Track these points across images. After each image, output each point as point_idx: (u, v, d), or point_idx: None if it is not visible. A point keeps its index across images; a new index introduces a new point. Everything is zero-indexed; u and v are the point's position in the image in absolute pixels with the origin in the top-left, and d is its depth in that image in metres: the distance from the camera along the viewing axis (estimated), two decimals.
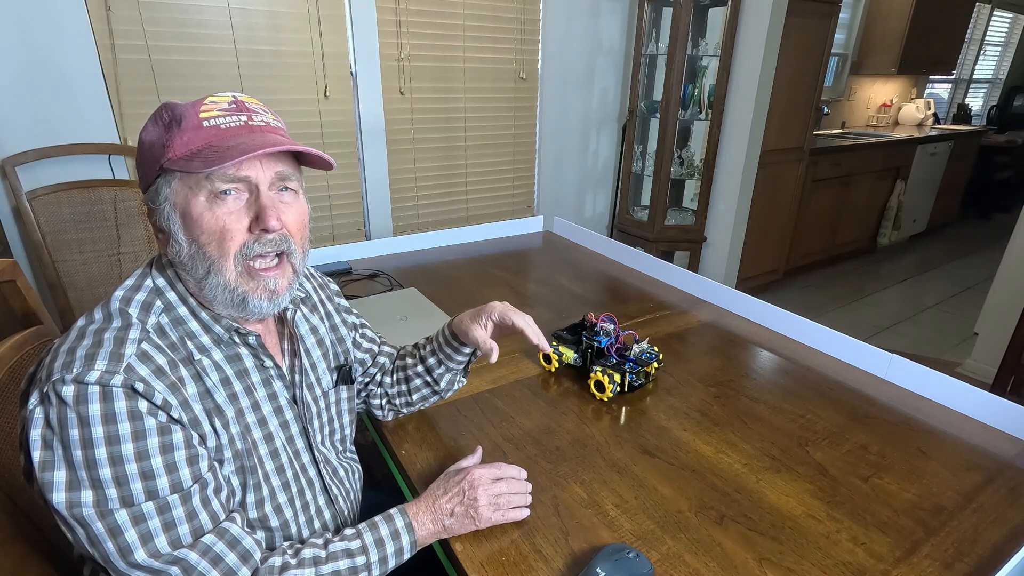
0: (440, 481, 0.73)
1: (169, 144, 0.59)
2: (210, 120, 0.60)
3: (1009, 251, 2.46)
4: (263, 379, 0.69)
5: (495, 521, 0.70)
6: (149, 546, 0.54)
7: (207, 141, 0.59)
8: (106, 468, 0.53)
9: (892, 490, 0.79)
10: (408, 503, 0.70)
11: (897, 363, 1.06)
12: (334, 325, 0.85)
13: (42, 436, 0.53)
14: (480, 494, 0.70)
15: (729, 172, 2.83)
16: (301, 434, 0.74)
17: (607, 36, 2.88)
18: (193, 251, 0.61)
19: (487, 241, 1.89)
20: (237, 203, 0.61)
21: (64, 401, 0.53)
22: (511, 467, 0.75)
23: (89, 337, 0.57)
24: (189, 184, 0.59)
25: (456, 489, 0.70)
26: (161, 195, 0.61)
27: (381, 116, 2.37)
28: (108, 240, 1.84)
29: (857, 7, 4.19)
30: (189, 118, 0.60)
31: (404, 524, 0.68)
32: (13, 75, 1.71)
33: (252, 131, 0.61)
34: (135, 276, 0.65)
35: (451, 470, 0.74)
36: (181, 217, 0.61)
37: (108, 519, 0.53)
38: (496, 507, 0.70)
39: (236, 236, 0.61)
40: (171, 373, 0.59)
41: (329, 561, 0.62)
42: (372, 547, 0.66)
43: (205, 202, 0.60)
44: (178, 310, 0.63)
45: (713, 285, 1.41)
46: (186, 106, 0.61)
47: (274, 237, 0.62)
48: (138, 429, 0.55)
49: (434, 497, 0.70)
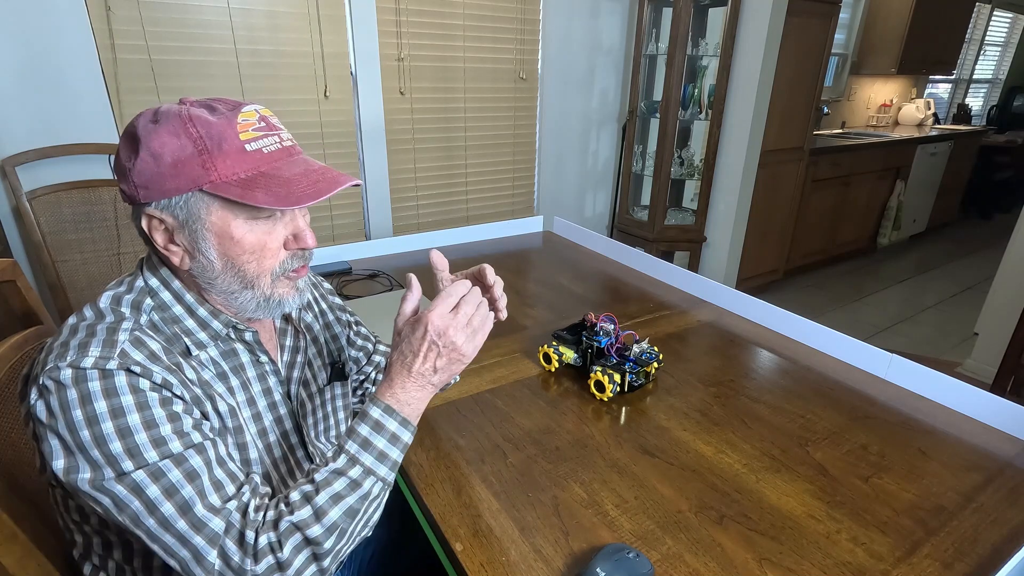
0: (402, 345, 0.64)
1: (211, 166, 0.57)
2: (251, 143, 0.59)
3: (1009, 251, 2.46)
4: (258, 374, 0.70)
5: (479, 346, 0.66)
6: (176, 498, 0.54)
7: (255, 167, 0.59)
8: (116, 442, 0.53)
9: (892, 490, 0.79)
10: (379, 387, 0.64)
11: (897, 363, 1.06)
12: (328, 323, 0.85)
13: (47, 425, 0.53)
14: (453, 336, 0.63)
15: (729, 172, 2.83)
16: (295, 430, 0.75)
17: (607, 36, 2.88)
18: (227, 268, 0.61)
19: (487, 241, 1.89)
20: (273, 223, 0.62)
21: (62, 384, 0.53)
22: (456, 285, 0.67)
23: (81, 331, 0.57)
24: (228, 207, 0.59)
25: (426, 346, 0.63)
26: (191, 214, 0.59)
27: (381, 116, 2.37)
28: (108, 240, 1.84)
29: (857, 7, 4.19)
30: (230, 140, 0.58)
31: (381, 411, 0.61)
32: (13, 75, 1.71)
33: (290, 154, 0.62)
34: (124, 280, 0.64)
35: (404, 327, 0.66)
36: (217, 237, 0.60)
37: (127, 480, 0.53)
38: (473, 333, 0.65)
39: (276, 254, 0.63)
40: (167, 359, 0.59)
41: (322, 489, 0.57)
42: (360, 452, 0.60)
43: (244, 223, 0.60)
44: (173, 309, 0.63)
45: (713, 285, 1.41)
46: (221, 124, 0.58)
47: (308, 253, 0.66)
48: (141, 400, 0.55)
49: (407, 367, 0.63)
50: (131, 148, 0.58)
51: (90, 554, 0.65)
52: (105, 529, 0.63)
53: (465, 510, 0.74)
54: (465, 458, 0.84)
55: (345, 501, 0.57)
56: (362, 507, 0.59)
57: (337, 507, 0.57)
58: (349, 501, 0.58)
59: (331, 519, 0.56)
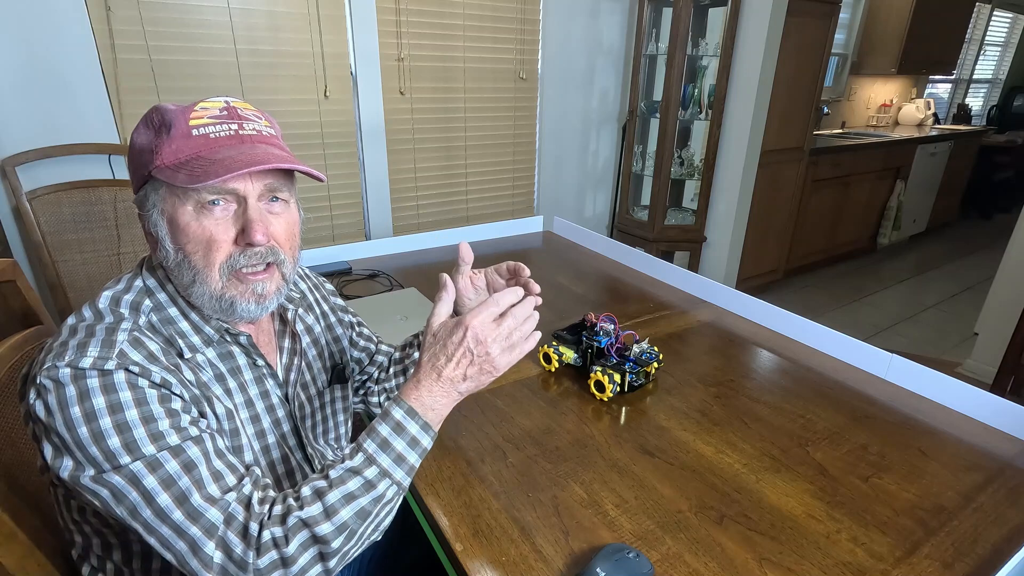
0: (436, 347, 0.61)
1: (158, 151, 0.59)
2: (200, 128, 0.59)
3: (1009, 251, 2.46)
4: (255, 377, 0.70)
5: (514, 362, 0.62)
6: (173, 489, 0.53)
7: (195, 151, 0.58)
8: (114, 437, 0.53)
9: (892, 490, 0.79)
10: (404, 387, 0.61)
11: (897, 363, 1.06)
12: (329, 324, 0.85)
13: (45, 423, 0.53)
14: (491, 347, 0.60)
15: (729, 172, 2.83)
16: (293, 432, 0.74)
17: (607, 36, 2.88)
18: (179, 259, 0.61)
19: (487, 241, 1.89)
20: (225, 213, 0.60)
21: (61, 383, 0.53)
22: (506, 293, 0.62)
23: (81, 331, 0.57)
24: (176, 193, 0.59)
25: (461, 351, 0.60)
26: (149, 201, 0.61)
27: (381, 116, 2.37)
28: (108, 240, 1.84)
29: (857, 7, 4.19)
30: (178, 125, 0.59)
31: (404, 412, 0.59)
32: (13, 75, 1.71)
33: (242, 141, 0.60)
34: (124, 278, 0.64)
35: (440, 328, 0.62)
36: (168, 225, 0.60)
37: (124, 471, 0.53)
38: (511, 347, 0.62)
39: (222, 247, 0.60)
40: (165, 359, 0.59)
41: (335, 487, 0.55)
42: (378, 453, 0.58)
43: (192, 211, 0.59)
44: (168, 310, 0.63)
45: (713, 285, 1.41)
46: (176, 111, 0.60)
47: (260, 250, 0.62)
48: (139, 397, 0.55)
49: (436, 369, 0.60)
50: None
51: (89, 555, 0.65)
52: (105, 529, 0.63)
53: (465, 510, 0.74)
54: (465, 458, 0.84)
55: (358, 501, 0.56)
56: (374, 509, 0.57)
57: (349, 507, 0.55)
58: (362, 502, 0.56)
59: (342, 518, 0.55)
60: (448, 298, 0.66)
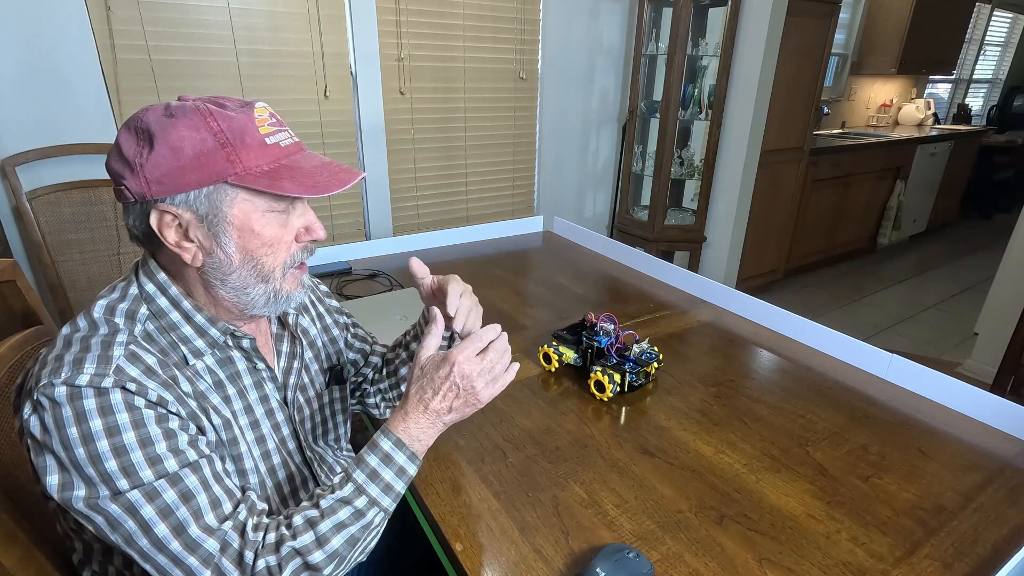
0: (423, 380, 0.65)
1: (235, 159, 0.58)
2: (269, 137, 0.61)
3: (1009, 251, 2.46)
4: (255, 382, 0.70)
5: (496, 394, 0.67)
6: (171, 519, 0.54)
7: (275, 160, 0.60)
8: (111, 460, 0.52)
9: (892, 490, 0.79)
10: (393, 418, 0.64)
11: (897, 363, 1.06)
12: (326, 326, 0.85)
13: (41, 441, 0.53)
14: (476, 381, 0.64)
15: (729, 172, 2.83)
16: (292, 435, 0.74)
17: (607, 36, 2.88)
18: (244, 262, 0.62)
19: (487, 241, 1.89)
20: (285, 216, 0.63)
21: (57, 402, 0.52)
22: (488, 329, 0.67)
23: (76, 344, 0.57)
24: (250, 199, 0.60)
25: (447, 385, 0.64)
26: (213, 207, 0.59)
27: (381, 116, 2.37)
28: (108, 240, 1.84)
29: (857, 7, 4.19)
30: (251, 133, 0.59)
31: (392, 444, 0.62)
32: (13, 75, 1.71)
33: (302, 149, 0.64)
34: (119, 286, 0.63)
35: (427, 362, 0.66)
36: (238, 230, 0.60)
37: (121, 499, 0.53)
38: (493, 380, 0.66)
39: (289, 247, 0.64)
40: (162, 372, 0.59)
41: (327, 517, 0.58)
42: (367, 483, 0.60)
43: (263, 216, 0.61)
44: (169, 316, 0.63)
45: (713, 285, 1.41)
46: (241, 119, 0.59)
47: (315, 245, 0.67)
48: (136, 418, 0.54)
49: (424, 402, 0.64)
50: (142, 142, 0.56)
51: (90, 560, 0.65)
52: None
53: (465, 510, 0.74)
54: (465, 458, 0.84)
55: (348, 530, 0.59)
56: (363, 536, 0.60)
57: (340, 535, 0.58)
58: (352, 530, 0.59)
59: (333, 547, 0.57)
60: (438, 332, 0.69)
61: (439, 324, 0.69)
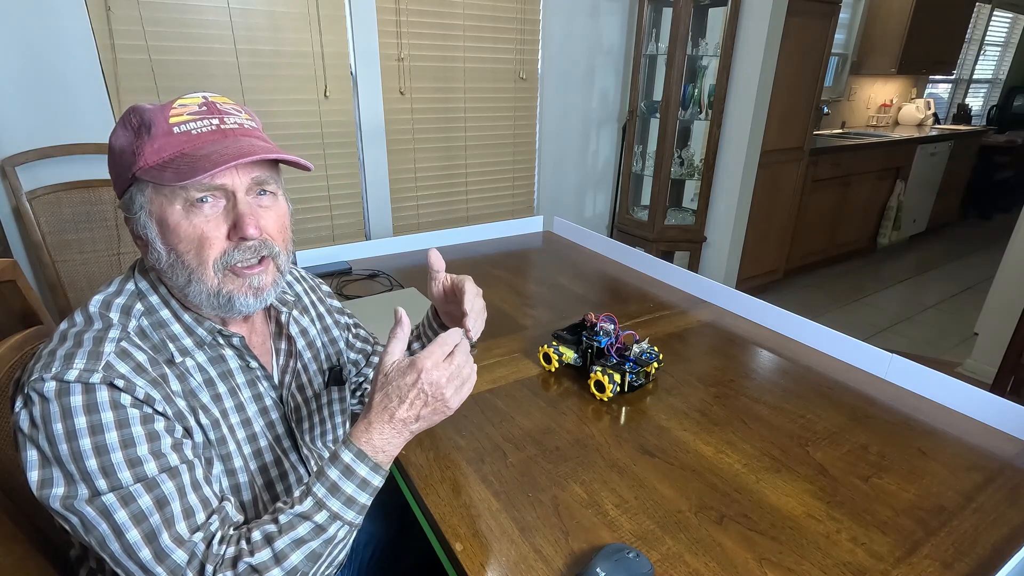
0: (388, 387, 0.61)
1: (139, 152, 0.58)
2: (181, 126, 0.59)
3: (1009, 251, 2.46)
4: (248, 380, 0.69)
5: (463, 399, 0.63)
6: (143, 526, 0.53)
7: (179, 149, 0.58)
8: (92, 459, 0.52)
9: (892, 490, 0.79)
10: (355, 428, 0.61)
11: (897, 363, 1.06)
12: (326, 326, 0.85)
13: (28, 435, 0.53)
14: (445, 389, 0.61)
15: (729, 172, 2.83)
16: (287, 434, 0.74)
17: (607, 36, 2.88)
18: (172, 259, 0.60)
19: (487, 241, 1.89)
20: (214, 210, 0.60)
21: (46, 397, 0.53)
22: (451, 333, 0.64)
23: (70, 339, 0.57)
24: (164, 193, 0.58)
25: (414, 393, 0.60)
26: (136, 203, 0.60)
27: (381, 116, 2.37)
28: (108, 240, 1.84)
29: (857, 7, 4.19)
30: (158, 124, 0.58)
31: (353, 455, 0.59)
32: (13, 75, 1.71)
33: (225, 136, 0.60)
34: (116, 282, 0.64)
35: (392, 368, 0.62)
36: (158, 225, 0.59)
37: (96, 502, 0.52)
38: (461, 385, 0.63)
39: (215, 244, 0.60)
40: (152, 370, 0.59)
41: (285, 533, 0.55)
42: (328, 497, 0.57)
43: (181, 210, 0.59)
44: (160, 313, 0.63)
45: (713, 285, 1.41)
46: (155, 110, 0.59)
47: (254, 244, 0.61)
48: (121, 418, 0.54)
49: (389, 411, 0.60)
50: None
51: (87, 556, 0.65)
52: None
53: (465, 510, 0.74)
54: (465, 458, 0.84)
55: (308, 545, 0.56)
56: (326, 551, 0.57)
57: (299, 551, 0.55)
58: (312, 545, 0.56)
59: (292, 563, 0.55)
60: (403, 336, 0.65)
61: (404, 327, 0.65)
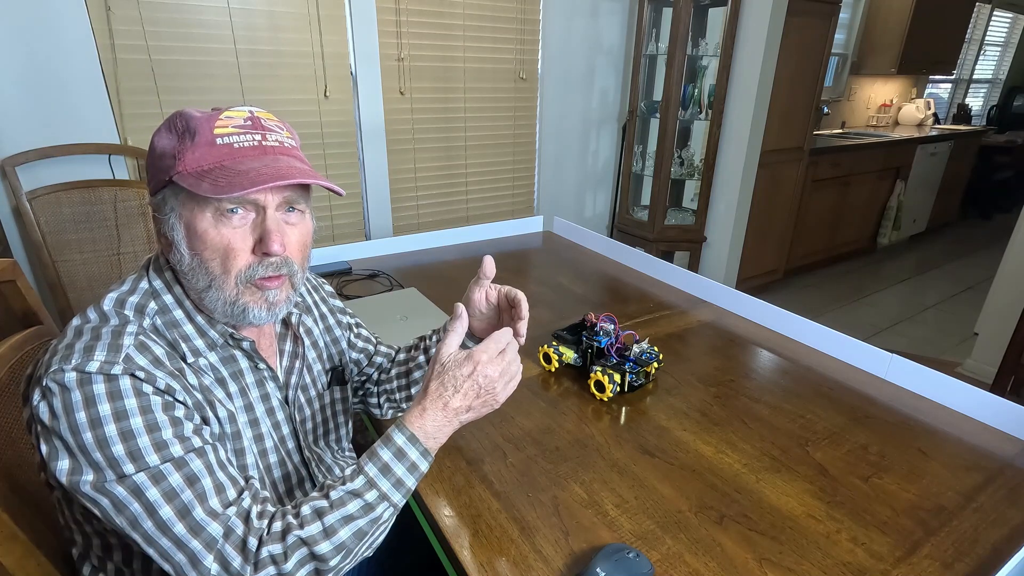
0: (444, 378, 0.64)
1: (180, 157, 0.59)
2: (224, 137, 0.60)
3: (1009, 251, 2.46)
4: (256, 380, 0.70)
5: (510, 394, 0.67)
6: (176, 502, 0.54)
7: (219, 160, 0.59)
8: (119, 444, 0.53)
9: (892, 490, 0.79)
10: (409, 413, 0.63)
11: (897, 363, 1.06)
12: (328, 326, 0.85)
13: (49, 426, 0.53)
14: (496, 384, 0.64)
15: (729, 172, 2.83)
16: (292, 435, 0.75)
17: (607, 36, 2.88)
18: (195, 264, 0.61)
19: (487, 241, 1.89)
20: (243, 222, 0.61)
21: (67, 387, 0.53)
22: (505, 331, 0.68)
23: (87, 334, 0.58)
24: (196, 199, 0.59)
25: (468, 384, 0.63)
26: (167, 205, 0.61)
27: (381, 116, 2.37)
28: (108, 240, 1.84)
29: (857, 7, 4.19)
30: (203, 133, 0.59)
31: (406, 439, 0.61)
32: (13, 75, 1.71)
33: (265, 153, 0.61)
34: (129, 280, 0.64)
35: (448, 359, 0.65)
36: (185, 229, 0.61)
37: (127, 482, 0.53)
38: (510, 380, 0.67)
39: (240, 256, 0.61)
40: (170, 364, 0.60)
41: (336, 508, 0.57)
42: (379, 477, 0.59)
43: (211, 218, 0.60)
44: (174, 313, 0.63)
45: (713, 285, 1.41)
46: (201, 118, 0.60)
47: (276, 260, 0.62)
48: (144, 404, 0.55)
49: (443, 399, 0.63)
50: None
51: (89, 554, 0.65)
52: (105, 531, 0.63)
53: (465, 510, 0.74)
54: (465, 458, 0.84)
55: (356, 523, 0.58)
56: (371, 530, 0.59)
57: (348, 528, 0.57)
58: (360, 523, 0.58)
59: (340, 539, 0.56)
60: (461, 330, 0.68)
61: (463, 323, 0.69)
